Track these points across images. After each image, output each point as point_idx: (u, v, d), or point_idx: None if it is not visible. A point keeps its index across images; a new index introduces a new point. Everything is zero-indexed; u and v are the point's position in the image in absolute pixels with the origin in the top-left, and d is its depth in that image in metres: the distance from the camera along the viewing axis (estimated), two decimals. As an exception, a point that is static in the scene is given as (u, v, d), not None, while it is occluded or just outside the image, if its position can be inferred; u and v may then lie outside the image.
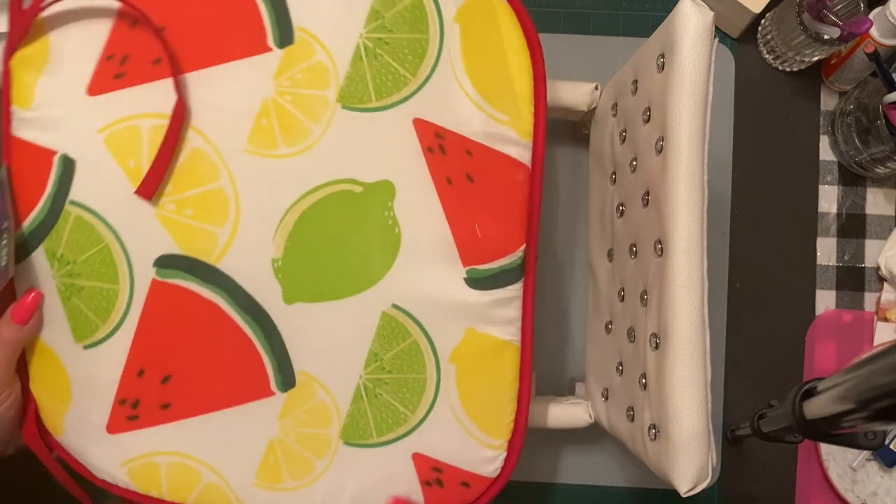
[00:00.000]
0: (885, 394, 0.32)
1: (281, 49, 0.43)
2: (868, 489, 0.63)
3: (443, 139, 0.45)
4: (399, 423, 0.46)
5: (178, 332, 0.44)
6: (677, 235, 0.45)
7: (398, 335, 0.46)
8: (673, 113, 0.45)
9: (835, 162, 0.67)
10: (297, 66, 0.43)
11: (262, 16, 0.43)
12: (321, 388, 0.45)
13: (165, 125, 0.43)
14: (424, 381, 0.46)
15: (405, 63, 0.44)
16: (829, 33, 0.59)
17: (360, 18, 0.43)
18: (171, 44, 0.42)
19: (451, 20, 0.44)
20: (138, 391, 0.45)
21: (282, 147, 0.44)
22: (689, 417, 0.44)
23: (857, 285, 0.66)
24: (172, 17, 0.43)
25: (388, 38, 0.44)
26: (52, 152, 0.43)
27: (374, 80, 0.44)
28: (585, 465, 0.66)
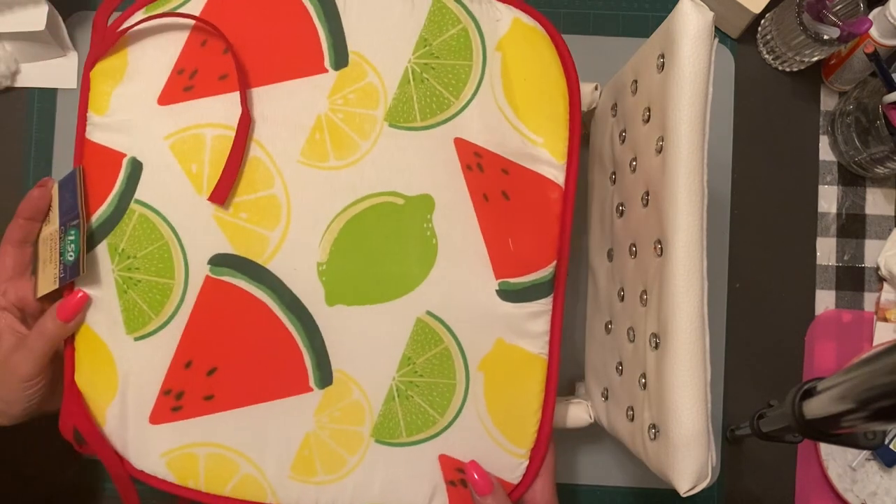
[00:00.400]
0: (885, 394, 0.32)
1: (336, 70, 0.47)
2: (868, 489, 0.63)
3: (481, 158, 0.48)
4: (428, 424, 0.48)
5: (226, 327, 0.47)
6: (677, 235, 0.45)
7: (431, 341, 0.48)
8: (673, 113, 0.45)
9: (834, 162, 0.67)
10: (350, 87, 0.47)
11: (321, 39, 0.47)
12: (356, 388, 0.48)
13: (227, 135, 0.46)
14: (454, 386, 0.48)
15: (449, 87, 0.48)
16: (828, 33, 0.59)
17: (410, 45, 0.47)
18: (237, 61, 0.46)
19: (494, 48, 0.48)
20: (184, 382, 0.47)
21: (332, 160, 0.47)
22: (689, 417, 0.44)
23: (856, 285, 0.66)
24: (240, 36, 0.47)
25: (435, 63, 0.48)
26: (122, 154, 0.47)
27: (420, 101, 0.48)
28: (585, 465, 0.66)
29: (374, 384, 0.48)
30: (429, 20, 0.47)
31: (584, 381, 0.62)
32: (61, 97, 0.66)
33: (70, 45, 0.66)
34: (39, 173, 0.66)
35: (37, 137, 0.66)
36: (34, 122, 0.66)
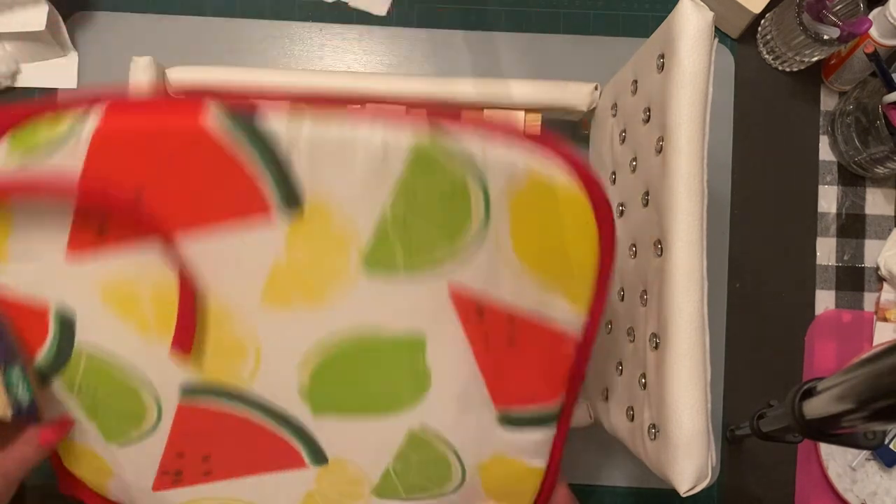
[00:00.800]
0: (885, 394, 0.32)
1: (290, 215, 0.38)
2: (867, 489, 0.63)
3: (483, 312, 0.41)
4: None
5: (212, 432, 0.44)
6: (677, 235, 0.45)
7: (424, 446, 0.45)
8: (673, 113, 0.45)
9: (834, 162, 0.67)
10: (312, 234, 0.39)
11: (261, 183, 0.37)
12: (353, 465, 0.46)
13: (168, 280, 0.39)
14: (450, 476, 0.46)
15: (440, 231, 0.39)
16: (828, 34, 0.59)
17: (385, 191, 0.38)
18: (154, 205, 0.37)
19: (500, 199, 0.38)
20: (180, 466, 0.46)
21: (299, 302, 0.40)
22: (689, 417, 0.44)
23: (856, 285, 0.66)
24: (154, 178, 0.37)
25: (420, 209, 0.38)
26: (45, 305, 0.40)
27: (404, 245, 0.39)
28: (585, 465, 0.66)
29: (371, 465, 0.46)
30: (410, 166, 0.37)
31: (584, 381, 0.62)
32: (61, 97, 0.66)
33: (70, 45, 0.66)
34: (39, 173, 0.66)
35: (37, 137, 0.66)
36: (34, 122, 0.66)
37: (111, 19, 0.67)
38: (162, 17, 0.67)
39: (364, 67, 0.68)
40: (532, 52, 0.67)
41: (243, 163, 0.37)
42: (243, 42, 0.67)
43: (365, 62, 0.68)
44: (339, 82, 0.58)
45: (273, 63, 0.67)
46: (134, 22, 0.67)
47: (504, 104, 0.59)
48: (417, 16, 0.68)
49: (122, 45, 0.67)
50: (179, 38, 0.67)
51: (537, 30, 0.67)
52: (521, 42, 0.67)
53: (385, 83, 0.58)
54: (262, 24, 0.67)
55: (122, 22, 0.67)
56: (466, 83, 0.59)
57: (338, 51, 0.67)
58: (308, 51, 0.67)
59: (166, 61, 0.59)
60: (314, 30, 0.68)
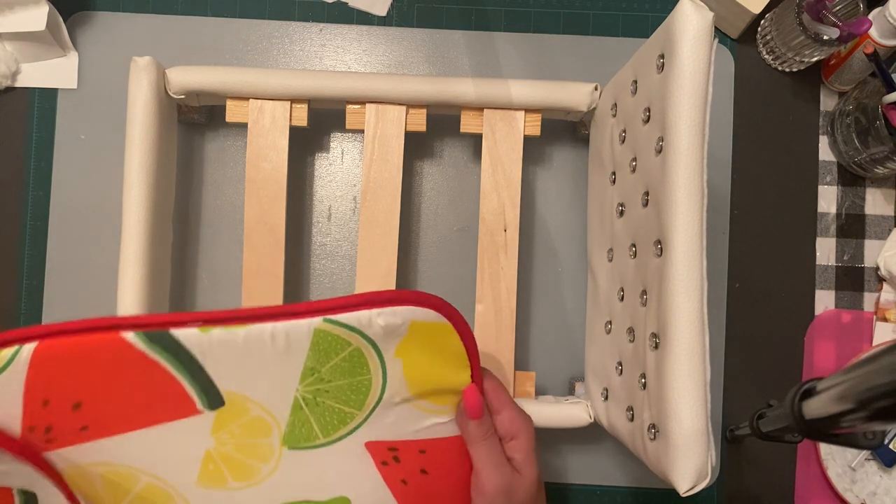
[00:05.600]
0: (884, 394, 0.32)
1: (212, 411, 0.43)
2: (867, 489, 0.64)
3: (396, 451, 0.47)
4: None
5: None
6: (677, 235, 0.45)
7: None
8: (672, 113, 0.45)
9: (834, 162, 0.67)
10: (235, 422, 0.44)
11: (184, 386, 0.42)
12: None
13: (115, 471, 0.44)
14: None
15: (349, 402, 0.45)
16: (828, 34, 0.59)
17: (294, 377, 0.43)
18: (92, 415, 0.42)
19: (393, 357, 0.44)
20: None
21: (232, 482, 0.46)
22: (689, 417, 0.44)
23: (856, 285, 0.66)
24: (87, 393, 0.42)
25: (328, 386, 0.44)
26: (8, 488, 0.44)
27: (319, 421, 0.45)
28: (585, 465, 0.66)
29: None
30: (312, 351, 0.42)
31: (584, 381, 0.62)
32: (61, 97, 0.66)
33: (70, 45, 0.66)
34: (39, 173, 0.66)
35: (37, 137, 0.66)
36: (34, 122, 0.66)
37: (111, 19, 0.67)
38: (162, 17, 0.67)
39: (364, 67, 0.68)
40: (532, 52, 0.67)
41: (165, 368, 0.41)
42: (243, 42, 0.67)
43: (365, 62, 0.68)
44: (339, 82, 0.58)
45: (273, 63, 0.67)
46: (134, 22, 0.67)
47: (504, 104, 0.59)
48: (417, 16, 0.68)
49: (122, 45, 0.67)
50: (179, 38, 0.67)
51: (537, 30, 0.67)
52: (521, 42, 0.67)
53: (385, 83, 0.59)
54: (262, 24, 0.67)
55: (122, 22, 0.67)
56: (466, 83, 0.59)
57: (338, 51, 0.68)
58: (308, 51, 0.67)
59: (166, 61, 0.59)
60: (314, 30, 0.68)
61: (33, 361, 0.40)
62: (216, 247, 0.67)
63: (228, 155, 0.67)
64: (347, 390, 0.44)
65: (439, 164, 0.67)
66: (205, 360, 0.41)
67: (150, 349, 0.40)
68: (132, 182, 0.56)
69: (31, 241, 0.66)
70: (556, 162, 0.67)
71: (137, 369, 0.41)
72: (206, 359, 0.41)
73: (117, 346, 0.40)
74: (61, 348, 0.40)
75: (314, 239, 0.67)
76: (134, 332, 0.40)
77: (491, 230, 0.60)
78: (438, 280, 0.67)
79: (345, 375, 0.43)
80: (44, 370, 0.40)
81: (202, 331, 0.40)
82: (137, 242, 0.56)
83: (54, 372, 0.40)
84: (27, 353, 0.40)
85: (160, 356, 0.40)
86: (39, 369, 0.40)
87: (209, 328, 0.40)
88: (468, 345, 0.45)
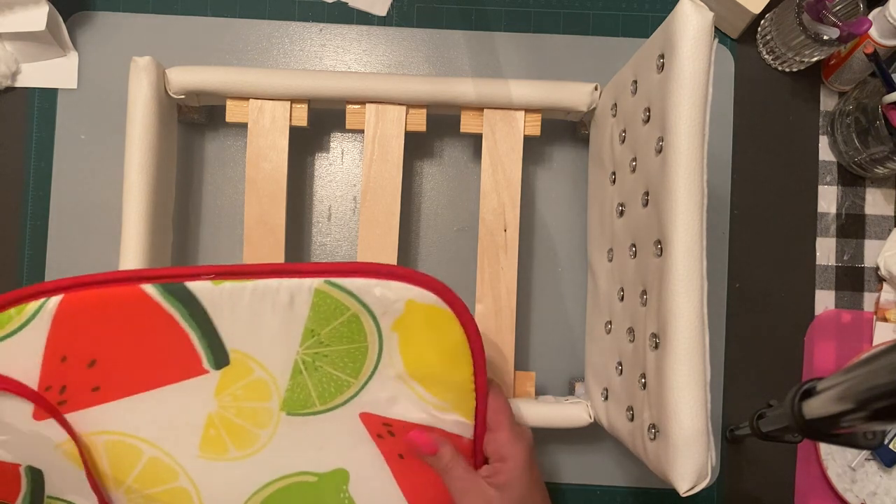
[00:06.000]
0: (884, 394, 0.32)
1: (218, 370, 0.45)
2: (867, 489, 0.64)
3: (391, 426, 0.48)
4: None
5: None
6: (677, 235, 0.45)
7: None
8: (672, 113, 0.45)
9: (834, 162, 0.67)
10: (238, 384, 0.46)
11: (194, 343, 0.44)
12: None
13: (120, 440, 0.46)
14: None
15: (346, 369, 0.46)
16: (828, 34, 0.59)
17: (296, 338, 0.45)
18: (105, 374, 0.44)
19: (390, 329, 0.45)
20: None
21: (233, 451, 0.47)
22: (689, 417, 0.44)
23: (856, 285, 0.66)
24: (104, 348, 0.44)
25: (327, 350, 0.45)
26: (17, 465, 0.46)
27: (317, 388, 0.46)
28: (585, 465, 0.66)
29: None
30: (313, 312, 0.44)
31: (584, 381, 0.62)
32: (61, 97, 0.66)
33: (70, 45, 0.66)
34: (39, 173, 0.66)
35: (37, 137, 0.66)
36: (34, 122, 0.66)
37: (111, 19, 0.67)
38: (162, 17, 0.67)
39: (364, 67, 0.68)
40: (532, 52, 0.67)
41: (178, 322, 0.43)
42: (243, 42, 0.67)
43: (365, 62, 0.68)
44: (339, 82, 0.58)
45: (273, 63, 0.67)
46: (134, 22, 0.67)
47: (504, 104, 0.59)
48: (417, 16, 0.68)
49: (122, 45, 0.67)
50: (179, 38, 0.67)
51: (537, 30, 0.67)
52: (521, 42, 0.67)
53: (385, 83, 0.59)
54: (262, 24, 0.67)
55: (122, 22, 0.67)
56: (466, 83, 0.59)
57: (338, 51, 0.68)
58: (308, 51, 0.67)
59: (166, 61, 0.59)
60: (314, 30, 0.68)
61: (57, 315, 0.42)
62: (216, 247, 0.67)
63: (228, 155, 0.67)
64: (345, 356, 0.46)
65: (439, 164, 0.67)
66: (215, 314, 0.44)
67: (167, 301, 0.42)
68: (132, 182, 0.56)
69: (31, 241, 0.66)
70: (556, 162, 0.67)
71: (152, 322, 0.43)
72: (217, 312, 0.43)
73: (136, 298, 0.42)
74: (84, 301, 0.42)
75: (314, 239, 0.67)
76: (152, 285, 0.42)
77: (491, 230, 0.60)
78: (438, 280, 0.67)
79: (342, 341, 0.45)
80: (66, 324, 0.42)
81: (215, 283, 0.43)
82: (137, 242, 0.56)
83: (76, 326, 0.42)
84: (53, 305, 0.42)
85: (175, 308, 0.43)
86: (62, 323, 0.42)
87: (221, 281, 0.43)
88: (471, 337, 0.46)
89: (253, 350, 0.45)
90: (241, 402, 0.46)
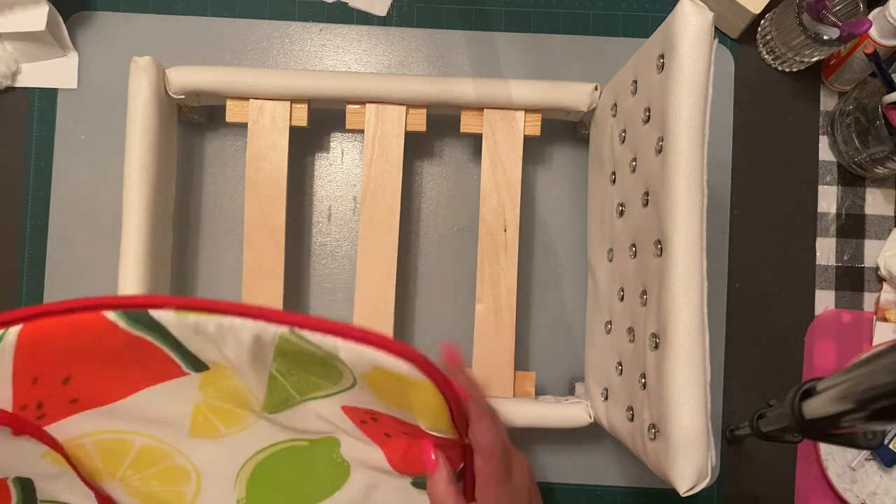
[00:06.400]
0: (884, 394, 0.32)
1: (198, 373, 0.45)
2: (867, 489, 0.64)
3: (374, 414, 0.47)
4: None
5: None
6: (677, 235, 0.45)
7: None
8: (672, 113, 0.45)
9: (834, 162, 0.67)
10: (219, 382, 0.46)
11: (168, 353, 0.44)
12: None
13: (107, 438, 0.46)
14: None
15: (322, 377, 0.45)
16: (828, 34, 0.59)
17: (266, 359, 0.43)
18: (81, 387, 0.44)
19: (360, 376, 0.44)
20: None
21: (223, 430, 0.48)
22: (689, 417, 0.44)
23: (856, 285, 0.66)
24: (75, 367, 0.43)
25: (300, 365, 0.44)
26: (4, 479, 0.46)
27: (295, 386, 0.46)
28: (585, 465, 0.66)
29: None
30: (277, 353, 0.43)
31: (584, 381, 0.62)
32: (61, 97, 0.66)
33: (70, 45, 0.66)
34: (40, 173, 0.66)
35: (37, 137, 0.66)
36: (34, 122, 0.66)
37: (111, 19, 0.67)
38: (162, 17, 0.67)
39: (364, 67, 0.68)
40: (532, 52, 0.67)
41: (149, 341, 0.42)
42: (243, 42, 0.67)
43: (365, 62, 0.68)
44: (339, 82, 0.59)
45: (273, 63, 0.67)
46: (134, 22, 0.67)
47: (504, 104, 0.59)
48: (417, 16, 0.68)
49: (122, 45, 0.67)
50: (179, 38, 0.67)
51: (537, 30, 0.67)
52: (521, 42, 0.67)
53: (385, 83, 0.59)
54: (262, 24, 0.67)
55: (122, 22, 0.67)
56: (466, 83, 0.59)
57: (338, 51, 0.68)
58: (308, 51, 0.67)
59: (166, 61, 0.59)
60: (314, 30, 0.68)
61: (19, 343, 0.41)
62: (216, 247, 0.67)
63: (228, 155, 0.67)
64: (321, 373, 0.45)
65: (439, 164, 0.67)
66: (183, 339, 0.43)
67: (132, 327, 0.41)
68: (132, 182, 0.56)
69: (31, 241, 0.66)
70: (556, 162, 0.67)
71: (121, 343, 0.42)
72: (184, 337, 0.43)
73: (101, 325, 0.41)
74: (46, 329, 0.41)
75: (314, 239, 0.67)
76: (114, 312, 0.41)
77: (491, 230, 0.60)
78: (438, 280, 0.67)
79: (314, 366, 0.44)
80: (31, 351, 0.41)
81: (178, 315, 0.41)
82: (137, 242, 0.56)
83: (42, 351, 0.41)
84: (13, 335, 0.40)
85: (143, 333, 0.42)
86: (26, 350, 0.41)
87: (184, 313, 0.41)
88: (452, 404, 0.43)
89: (227, 362, 0.45)
90: (226, 393, 0.46)
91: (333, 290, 0.67)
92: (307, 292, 0.67)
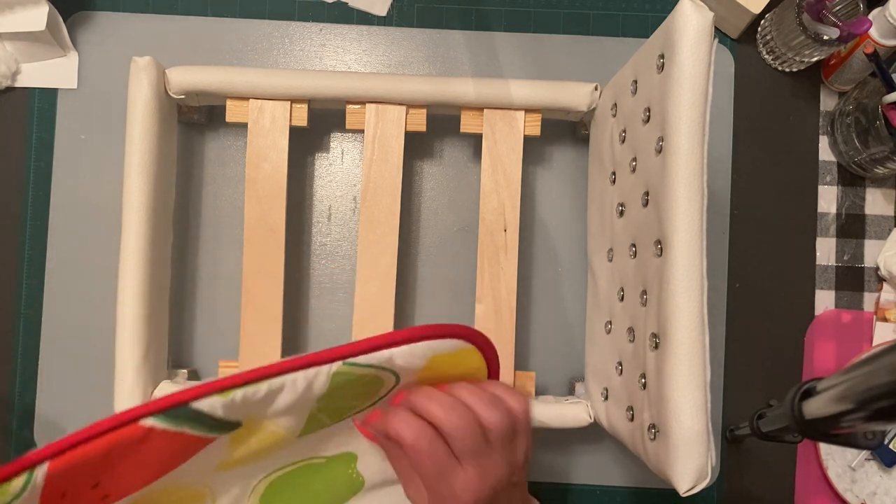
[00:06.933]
0: (884, 394, 0.32)
1: (228, 434, 0.42)
2: (867, 489, 0.64)
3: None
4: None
5: None
6: (677, 235, 0.45)
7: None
8: (672, 113, 0.45)
9: (834, 162, 0.67)
10: (250, 438, 0.44)
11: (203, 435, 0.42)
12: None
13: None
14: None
15: (358, 398, 0.45)
16: (828, 34, 0.59)
17: (310, 403, 0.43)
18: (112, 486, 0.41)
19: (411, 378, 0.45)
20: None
21: (248, 461, 0.46)
22: (689, 417, 0.44)
23: (856, 285, 0.66)
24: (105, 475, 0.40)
25: (339, 399, 0.44)
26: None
27: (331, 416, 0.46)
28: (585, 465, 0.66)
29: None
30: (330, 388, 0.42)
31: (584, 381, 0.62)
32: (61, 97, 0.66)
33: (70, 45, 0.66)
34: (39, 173, 0.66)
35: (37, 137, 0.66)
36: (34, 122, 0.66)
37: (111, 19, 0.67)
38: (162, 17, 0.67)
39: (364, 67, 0.68)
40: (532, 52, 0.67)
41: (186, 433, 0.40)
42: (243, 42, 0.67)
43: (365, 62, 0.68)
44: (339, 82, 0.59)
45: (273, 63, 0.67)
46: (134, 22, 0.67)
47: (504, 104, 0.59)
48: (417, 16, 0.68)
49: (122, 45, 0.67)
50: (179, 38, 0.67)
51: (537, 30, 0.67)
52: (521, 42, 0.67)
53: (385, 83, 0.59)
54: (262, 24, 0.67)
55: (122, 22, 0.67)
56: (466, 83, 0.59)
57: (338, 51, 0.68)
58: (308, 51, 0.67)
59: (166, 61, 0.59)
60: (314, 30, 0.68)
61: (48, 479, 0.37)
62: (216, 247, 0.67)
63: (228, 155, 0.67)
64: (361, 394, 0.45)
65: (439, 164, 0.67)
66: (226, 416, 0.40)
67: (171, 425, 0.39)
68: (132, 182, 0.56)
69: (31, 241, 0.66)
70: (556, 162, 0.67)
71: (157, 442, 0.40)
72: (228, 415, 0.40)
73: (138, 435, 0.38)
74: (80, 455, 0.38)
75: (314, 239, 0.67)
76: (153, 417, 0.38)
77: (491, 230, 0.60)
78: (438, 280, 0.67)
79: (358, 387, 0.44)
80: (60, 479, 0.38)
81: (223, 396, 0.39)
82: (137, 242, 0.56)
83: (70, 475, 0.38)
84: (41, 476, 0.37)
85: (183, 427, 0.39)
86: (55, 481, 0.38)
87: (229, 392, 0.39)
88: (490, 364, 0.45)
89: (266, 417, 0.43)
90: (256, 444, 0.45)
91: (333, 290, 0.67)
92: (307, 292, 0.67)
